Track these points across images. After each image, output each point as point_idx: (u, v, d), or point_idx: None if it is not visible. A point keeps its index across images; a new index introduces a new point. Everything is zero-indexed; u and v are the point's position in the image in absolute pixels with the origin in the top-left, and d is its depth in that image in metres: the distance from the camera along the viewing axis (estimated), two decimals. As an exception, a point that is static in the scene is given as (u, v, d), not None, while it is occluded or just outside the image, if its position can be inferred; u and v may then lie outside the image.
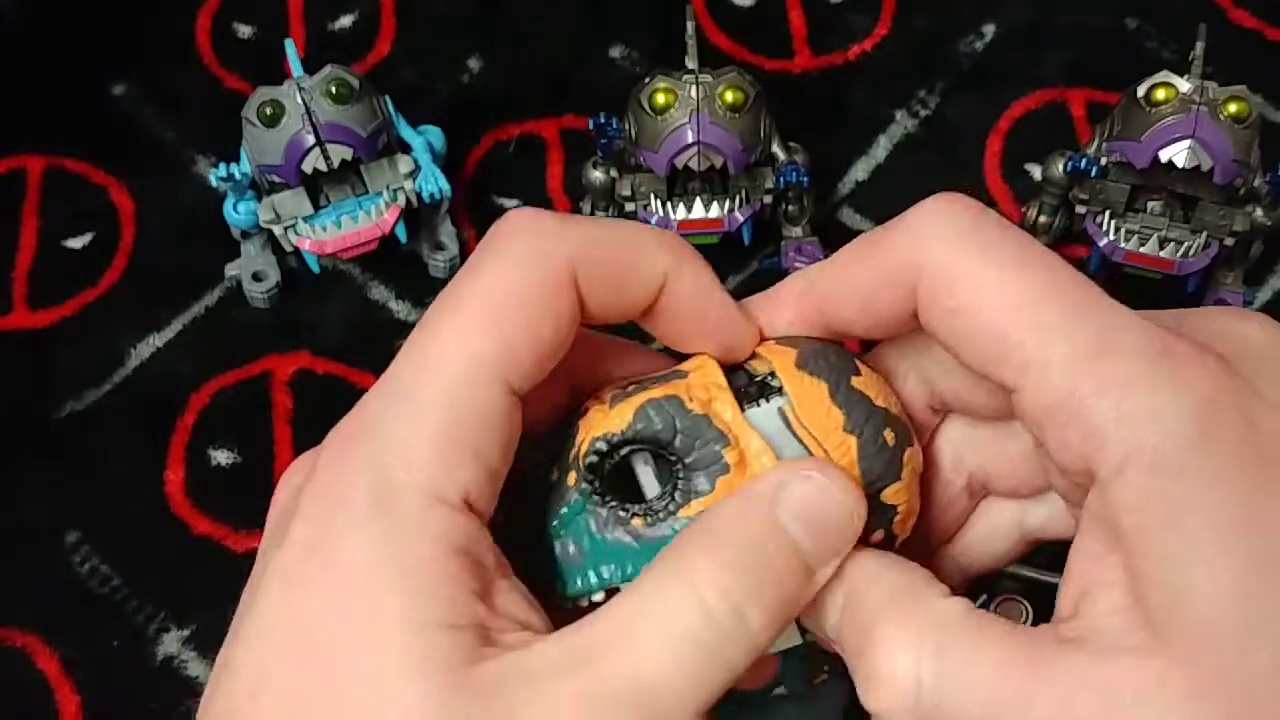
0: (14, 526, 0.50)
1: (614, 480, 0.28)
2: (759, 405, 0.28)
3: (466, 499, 0.26)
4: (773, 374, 0.29)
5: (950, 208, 0.28)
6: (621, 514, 0.28)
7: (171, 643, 0.48)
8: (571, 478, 0.28)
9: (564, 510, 0.28)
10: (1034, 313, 0.26)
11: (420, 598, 0.25)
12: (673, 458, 0.28)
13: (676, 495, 0.28)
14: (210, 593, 0.47)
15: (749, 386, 0.29)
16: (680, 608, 0.25)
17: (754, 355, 0.30)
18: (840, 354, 0.30)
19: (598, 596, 0.28)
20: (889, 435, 0.29)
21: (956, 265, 0.27)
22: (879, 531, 0.29)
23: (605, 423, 0.28)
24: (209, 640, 0.47)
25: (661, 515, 0.28)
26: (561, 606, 0.28)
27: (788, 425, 0.28)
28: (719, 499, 0.27)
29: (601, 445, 0.28)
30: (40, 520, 0.50)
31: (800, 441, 0.28)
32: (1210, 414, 0.25)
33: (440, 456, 0.26)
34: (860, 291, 0.29)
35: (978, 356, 0.27)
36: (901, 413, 0.30)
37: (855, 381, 0.29)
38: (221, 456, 0.51)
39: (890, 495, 0.29)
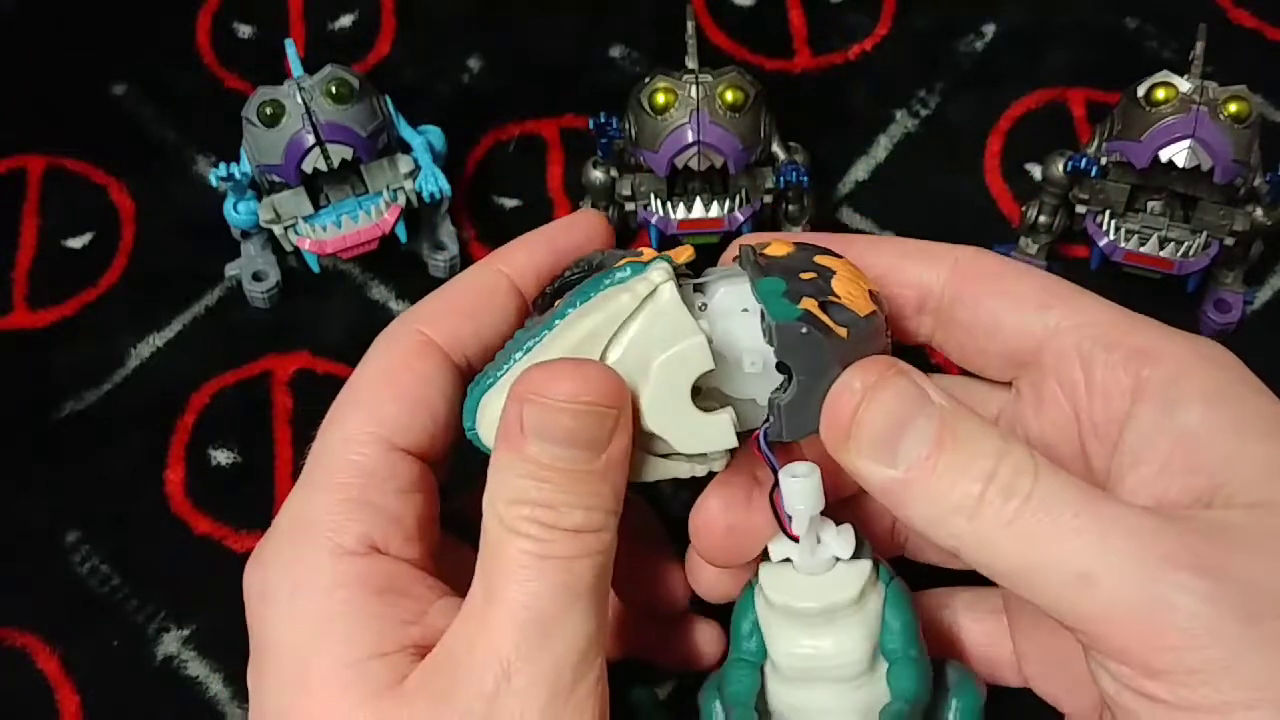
0: (14, 526, 0.50)
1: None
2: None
3: (373, 544, 0.33)
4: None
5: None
6: (532, 312, 0.37)
7: (171, 643, 0.48)
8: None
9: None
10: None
11: (346, 642, 0.31)
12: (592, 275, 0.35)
13: (564, 301, 0.34)
14: (210, 593, 0.47)
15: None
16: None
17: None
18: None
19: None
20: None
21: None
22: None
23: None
24: (209, 640, 0.47)
25: (545, 312, 0.35)
26: None
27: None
28: (593, 305, 0.33)
29: (556, 283, 0.36)
30: (40, 520, 0.50)
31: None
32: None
33: (335, 514, 0.33)
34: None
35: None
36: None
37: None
38: (221, 456, 0.51)
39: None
